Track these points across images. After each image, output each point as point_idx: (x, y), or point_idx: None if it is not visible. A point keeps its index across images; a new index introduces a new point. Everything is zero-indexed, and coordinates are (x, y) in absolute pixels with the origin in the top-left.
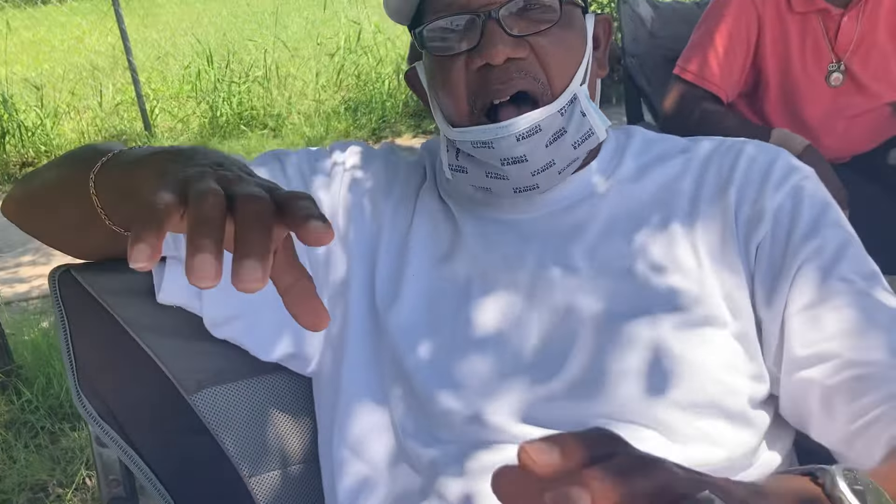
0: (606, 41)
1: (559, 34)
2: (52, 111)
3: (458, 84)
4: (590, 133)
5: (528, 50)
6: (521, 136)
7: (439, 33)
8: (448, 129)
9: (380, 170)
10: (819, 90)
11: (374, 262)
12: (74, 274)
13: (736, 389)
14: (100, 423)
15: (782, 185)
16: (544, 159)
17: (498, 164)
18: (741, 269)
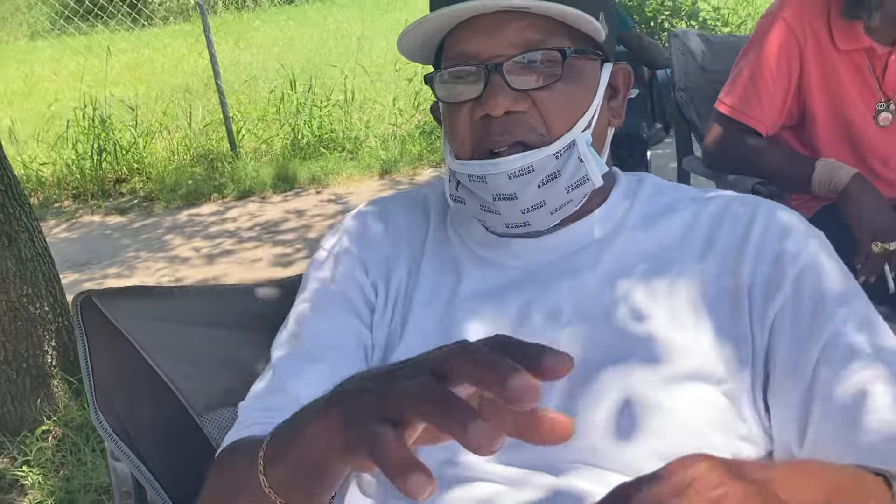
0: (625, 90)
1: (562, 88)
2: (146, 130)
3: (464, 130)
4: (585, 179)
5: (528, 103)
6: (512, 174)
7: (449, 81)
8: (452, 160)
9: (378, 233)
10: (871, 127)
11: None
12: (95, 300)
13: (717, 446)
14: (114, 439)
15: (799, 255)
16: (535, 199)
17: (490, 199)
18: (747, 333)
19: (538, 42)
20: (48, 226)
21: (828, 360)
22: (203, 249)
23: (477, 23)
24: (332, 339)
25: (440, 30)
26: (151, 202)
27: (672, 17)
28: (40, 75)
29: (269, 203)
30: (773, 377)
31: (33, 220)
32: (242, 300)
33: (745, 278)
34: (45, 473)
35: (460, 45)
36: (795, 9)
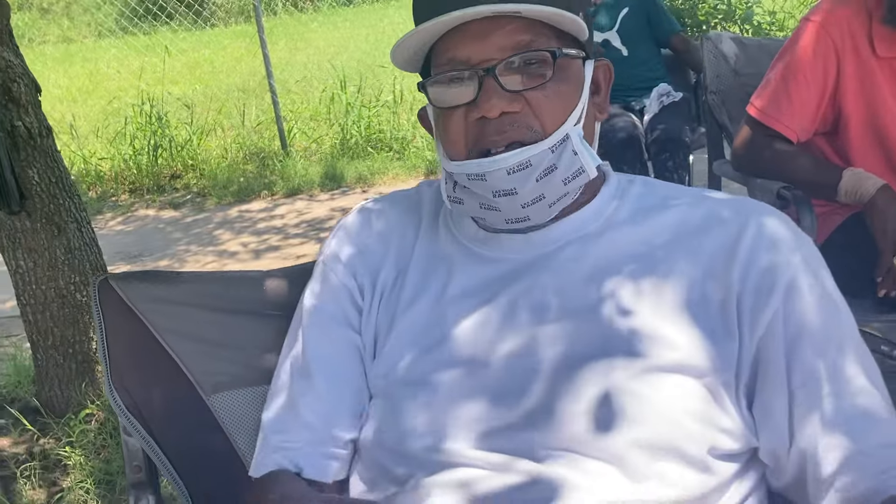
0: (607, 86)
1: (554, 87)
2: (201, 128)
3: (458, 134)
4: (580, 171)
5: (522, 103)
6: (511, 170)
7: (441, 87)
8: (447, 162)
9: (370, 234)
10: None
11: (381, 295)
12: (111, 282)
13: (697, 437)
14: (126, 415)
15: (788, 266)
16: (534, 193)
17: (490, 196)
18: (734, 333)
19: (527, 44)
20: (105, 218)
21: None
22: (251, 245)
23: (466, 29)
24: (329, 354)
25: (430, 38)
26: (204, 198)
27: (725, 21)
28: (104, 73)
29: (316, 201)
30: (758, 385)
31: (82, 210)
32: (252, 287)
33: (734, 284)
34: (87, 455)
35: (450, 51)
36: (835, 15)
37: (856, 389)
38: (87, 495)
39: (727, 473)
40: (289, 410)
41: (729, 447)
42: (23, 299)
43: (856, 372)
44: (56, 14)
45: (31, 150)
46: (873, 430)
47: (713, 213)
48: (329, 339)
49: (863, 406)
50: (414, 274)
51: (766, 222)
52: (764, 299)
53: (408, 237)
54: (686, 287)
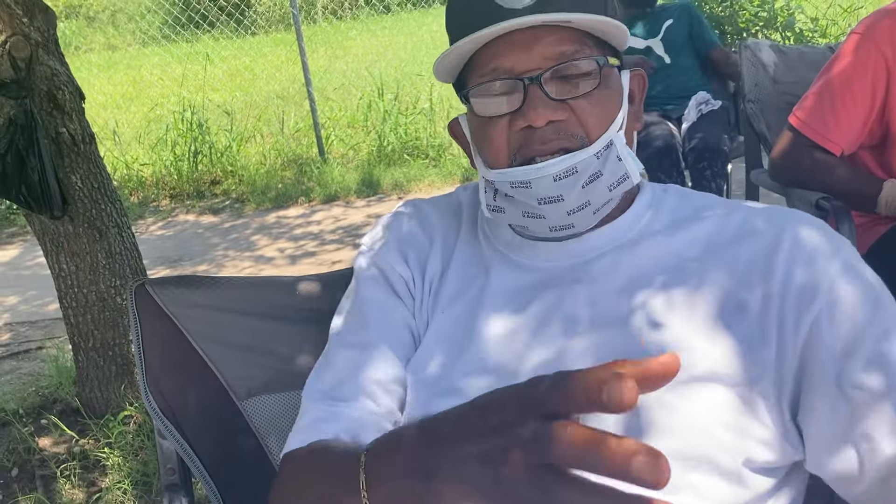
0: (641, 95)
1: (598, 95)
2: (240, 135)
3: (501, 143)
4: (625, 177)
5: (568, 112)
6: (557, 176)
7: (484, 96)
8: (488, 171)
9: (415, 229)
10: None
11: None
12: (147, 288)
13: (730, 448)
14: (161, 418)
15: (831, 266)
16: (580, 200)
17: (535, 204)
18: (773, 340)
19: (572, 53)
20: (146, 223)
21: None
22: (287, 250)
23: (509, 39)
24: (387, 327)
25: (473, 46)
26: (242, 203)
27: (766, 29)
28: (147, 80)
29: (352, 207)
30: (803, 394)
31: (123, 216)
32: (285, 293)
33: (773, 296)
34: (125, 456)
35: (494, 60)
36: (887, 26)
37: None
38: (125, 496)
39: (763, 487)
40: (340, 378)
41: (765, 459)
42: (65, 302)
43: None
44: (102, 22)
45: (75, 157)
46: None
47: (747, 223)
48: (389, 315)
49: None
50: (454, 275)
51: (802, 231)
52: (806, 310)
53: (449, 237)
54: (719, 298)
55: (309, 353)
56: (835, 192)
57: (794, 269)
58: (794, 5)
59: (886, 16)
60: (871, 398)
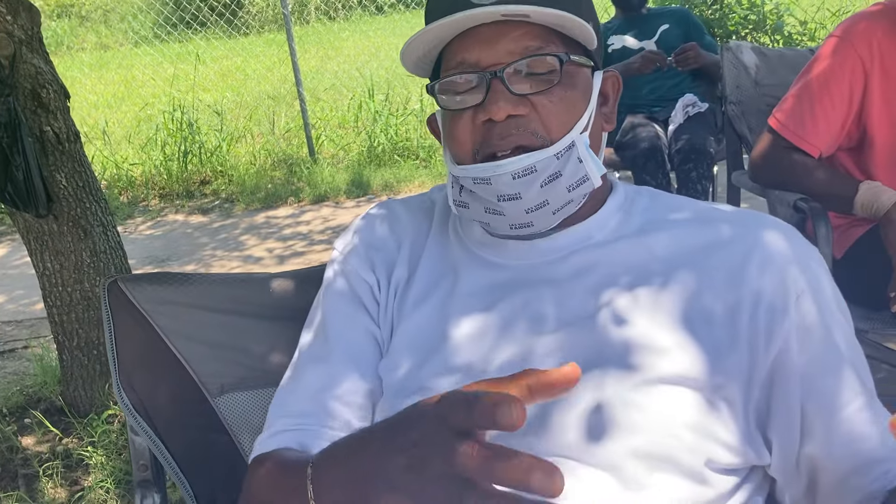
0: (615, 97)
1: (560, 93)
2: (230, 135)
3: (465, 136)
4: (585, 178)
5: (528, 108)
6: (516, 174)
7: (450, 89)
8: (454, 166)
9: (385, 233)
10: None
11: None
12: (120, 284)
13: (694, 448)
14: (134, 415)
15: (800, 274)
16: (538, 199)
17: (495, 200)
18: (743, 347)
19: (536, 49)
20: (135, 223)
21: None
22: (276, 250)
23: (476, 33)
24: (348, 339)
25: (440, 41)
26: (232, 203)
27: (755, 32)
28: (139, 80)
29: (342, 208)
30: (773, 402)
31: (108, 215)
32: (259, 290)
33: (744, 302)
34: (108, 455)
35: (460, 54)
36: (862, 31)
37: (859, 396)
38: (108, 495)
39: (724, 487)
40: (304, 396)
41: (727, 461)
42: (49, 301)
43: (857, 379)
44: (94, 22)
45: (59, 155)
46: (880, 435)
47: (716, 228)
48: (350, 326)
49: (867, 413)
50: (422, 276)
51: (772, 240)
52: (778, 326)
53: (419, 239)
54: (687, 302)
55: (282, 350)
56: (813, 193)
57: (765, 281)
58: (783, 8)
59: (863, 19)
60: (811, 424)
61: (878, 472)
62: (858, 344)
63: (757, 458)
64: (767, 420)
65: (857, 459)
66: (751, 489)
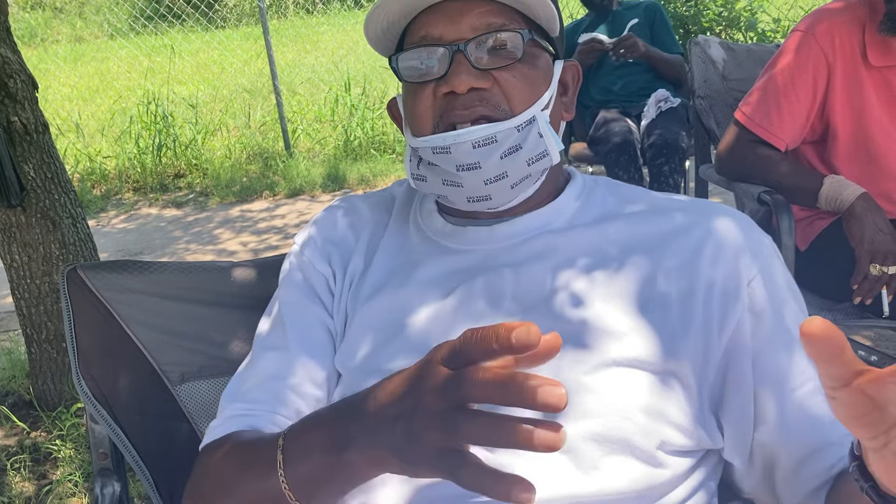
0: (574, 87)
1: (522, 70)
2: (205, 128)
3: (426, 108)
4: (544, 153)
5: (491, 82)
6: (476, 143)
7: (413, 62)
8: (413, 139)
9: (343, 226)
10: (894, 145)
11: (351, 283)
12: (80, 272)
13: (647, 431)
14: (93, 403)
15: (753, 261)
16: (497, 170)
17: (454, 170)
18: (698, 331)
19: (500, 25)
20: (108, 216)
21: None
22: (250, 244)
23: (440, 8)
24: (303, 330)
25: (404, 15)
26: (206, 197)
27: (729, 28)
28: (114, 73)
29: (317, 202)
30: (727, 387)
31: (77, 206)
32: (220, 279)
33: (698, 288)
34: (77, 448)
35: (424, 29)
36: (825, 25)
37: (811, 380)
38: (76, 488)
39: (678, 469)
40: (257, 383)
41: (681, 443)
42: (17, 293)
43: (809, 369)
44: (69, 14)
45: (28, 146)
46: (831, 418)
47: (671, 216)
48: (306, 316)
49: (820, 396)
50: (379, 266)
51: (724, 226)
52: (731, 311)
53: (378, 232)
54: (642, 288)
55: (242, 339)
56: (777, 186)
57: (717, 269)
58: (756, 6)
59: (826, 16)
60: (763, 408)
61: (834, 458)
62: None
63: (710, 440)
64: (721, 403)
65: (811, 442)
66: (704, 472)
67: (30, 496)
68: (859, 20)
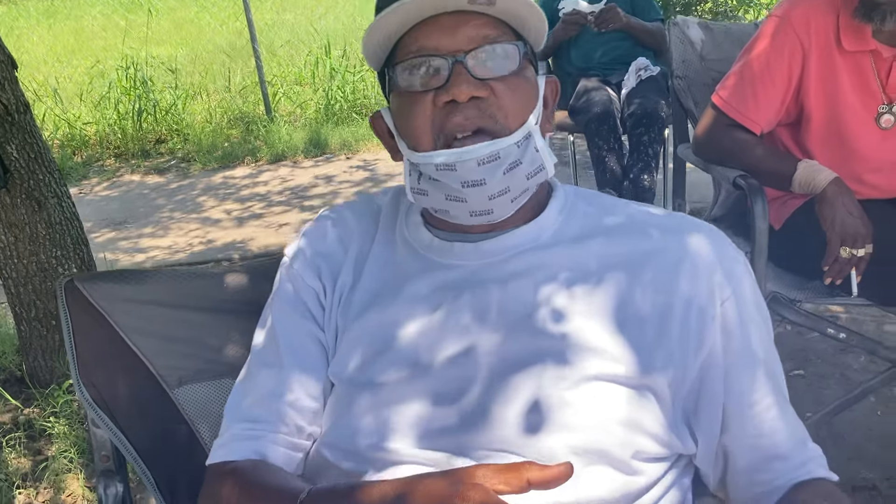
0: (553, 101)
1: (516, 82)
2: (185, 92)
3: (425, 119)
4: (541, 167)
5: (489, 91)
6: (482, 160)
7: (409, 73)
8: (412, 154)
9: (332, 239)
10: (868, 129)
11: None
12: (77, 283)
13: (623, 442)
14: (94, 408)
15: (726, 281)
16: (501, 185)
17: (458, 187)
18: (674, 346)
19: (495, 37)
20: (91, 183)
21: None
22: (234, 212)
23: (436, 21)
24: (296, 345)
25: (402, 26)
26: (188, 163)
27: None
28: (89, 31)
29: (300, 168)
30: (701, 400)
31: (62, 185)
32: (214, 284)
33: (675, 305)
34: (70, 425)
35: (420, 40)
36: (803, 10)
37: (767, 397)
38: (71, 464)
39: (652, 475)
40: (257, 399)
41: (654, 452)
42: (5, 273)
43: (769, 382)
44: None
45: (9, 127)
46: (786, 433)
47: (649, 234)
48: (298, 332)
49: (774, 412)
50: (368, 281)
51: (699, 245)
52: (708, 323)
53: (366, 244)
54: (621, 303)
55: (236, 342)
56: (753, 170)
57: (694, 288)
58: None
59: (800, 4)
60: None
61: (779, 471)
62: (774, 348)
63: (683, 447)
64: (695, 414)
65: (759, 453)
66: (678, 473)
67: (26, 472)
68: (834, 5)
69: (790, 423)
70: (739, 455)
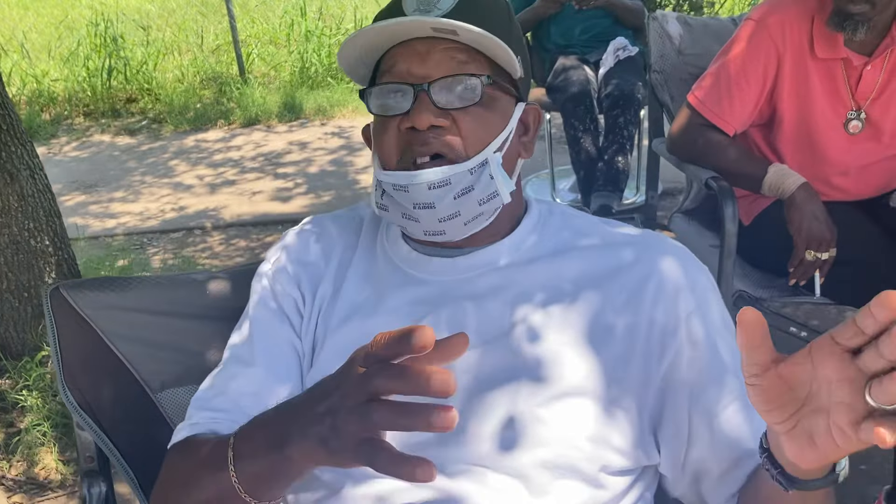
0: (535, 129)
1: (479, 112)
2: (157, 50)
3: (391, 141)
4: (495, 194)
5: (449, 120)
6: (432, 185)
7: (380, 96)
8: (379, 171)
9: (314, 250)
10: (836, 135)
11: (320, 309)
12: (62, 291)
13: (591, 457)
14: (79, 412)
15: (691, 297)
16: (450, 209)
17: (410, 207)
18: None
19: (463, 65)
20: (60, 143)
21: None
22: (206, 178)
23: (409, 45)
24: (271, 349)
25: (377, 49)
26: (160, 124)
27: None
28: None
29: (273, 133)
30: (665, 412)
31: (35, 157)
32: (196, 290)
33: (641, 323)
34: (44, 397)
35: (398, 63)
36: (776, 16)
37: (737, 400)
38: (44, 438)
39: (618, 488)
40: (224, 392)
41: (621, 465)
42: None
43: (739, 384)
44: None
45: None
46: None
47: (620, 252)
48: (274, 335)
49: (743, 414)
50: (348, 292)
51: (666, 265)
52: (669, 345)
53: (346, 255)
54: (591, 320)
55: (216, 348)
56: (725, 171)
57: (659, 306)
58: None
59: (778, 8)
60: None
61: (752, 466)
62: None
63: (647, 459)
64: (659, 425)
65: (734, 454)
66: (642, 486)
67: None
68: (809, 12)
69: (753, 418)
70: (713, 465)
